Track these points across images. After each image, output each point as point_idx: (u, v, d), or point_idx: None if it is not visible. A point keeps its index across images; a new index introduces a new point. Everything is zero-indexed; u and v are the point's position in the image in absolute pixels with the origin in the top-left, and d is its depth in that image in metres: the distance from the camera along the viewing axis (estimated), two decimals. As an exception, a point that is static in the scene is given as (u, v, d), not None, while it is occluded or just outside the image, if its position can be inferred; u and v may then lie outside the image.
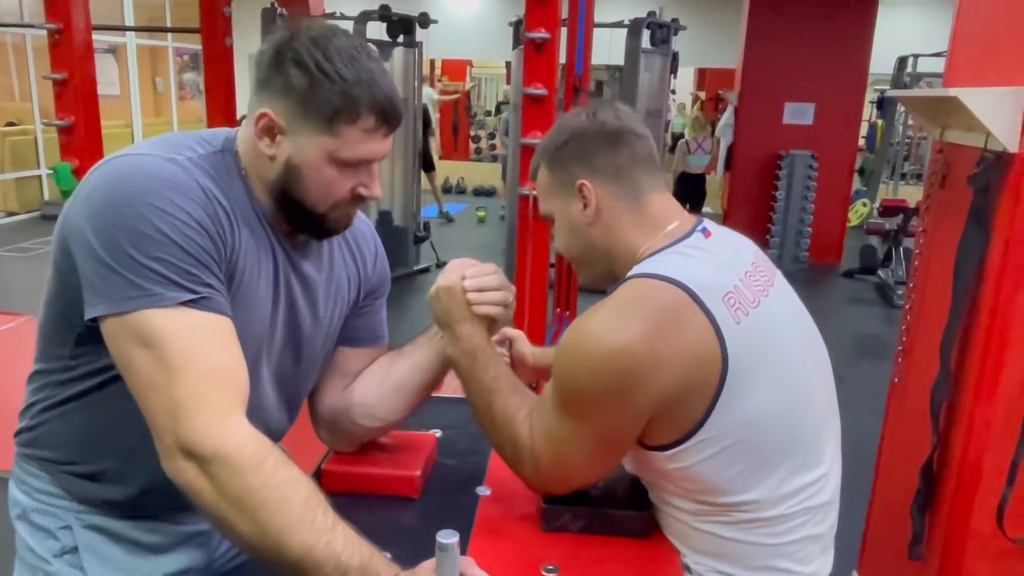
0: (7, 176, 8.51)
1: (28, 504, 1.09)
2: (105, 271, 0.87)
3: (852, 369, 4.78)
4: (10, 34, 8.90)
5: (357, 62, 0.95)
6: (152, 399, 0.88)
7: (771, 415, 1.01)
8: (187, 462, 0.86)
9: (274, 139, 0.97)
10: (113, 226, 0.88)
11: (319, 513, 0.87)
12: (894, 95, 4.23)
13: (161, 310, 0.87)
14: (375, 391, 1.22)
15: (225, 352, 0.91)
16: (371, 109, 0.95)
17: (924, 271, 1.89)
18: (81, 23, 2.87)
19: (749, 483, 1.01)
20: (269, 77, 0.96)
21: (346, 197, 1.01)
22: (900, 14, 10.15)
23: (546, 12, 2.72)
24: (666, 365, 0.95)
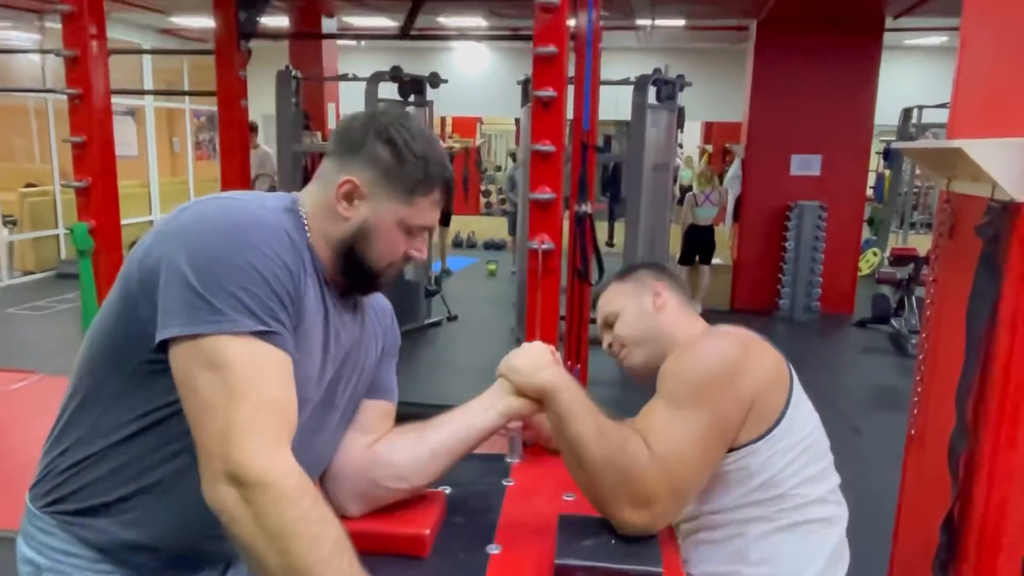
0: (25, 236, 8.65)
1: (42, 562, 1.09)
2: (191, 296, 0.93)
3: (868, 421, 4.72)
4: (32, 99, 9.14)
5: (432, 144, 1.13)
6: (208, 420, 0.91)
7: (813, 421, 1.35)
8: (230, 487, 0.88)
9: (352, 203, 1.10)
10: (209, 256, 0.95)
11: (346, 558, 0.90)
12: (899, 147, 4.25)
13: (234, 337, 0.93)
14: (406, 453, 1.25)
15: (284, 386, 0.97)
16: (440, 184, 1.14)
17: (936, 321, 1.88)
18: (101, 88, 2.95)
19: (805, 473, 1.28)
20: (353, 151, 1.11)
21: (400, 258, 1.15)
22: (904, 65, 10.30)
23: (553, 71, 2.77)
24: (758, 361, 1.27)
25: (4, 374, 4.66)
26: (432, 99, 6.49)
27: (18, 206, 8.67)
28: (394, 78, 6.03)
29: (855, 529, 1.29)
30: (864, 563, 1.17)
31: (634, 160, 5.90)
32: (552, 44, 2.72)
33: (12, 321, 6.83)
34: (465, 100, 11.37)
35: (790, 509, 1.26)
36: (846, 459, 1.31)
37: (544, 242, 2.68)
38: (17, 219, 8.68)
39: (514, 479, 1.41)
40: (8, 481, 3.38)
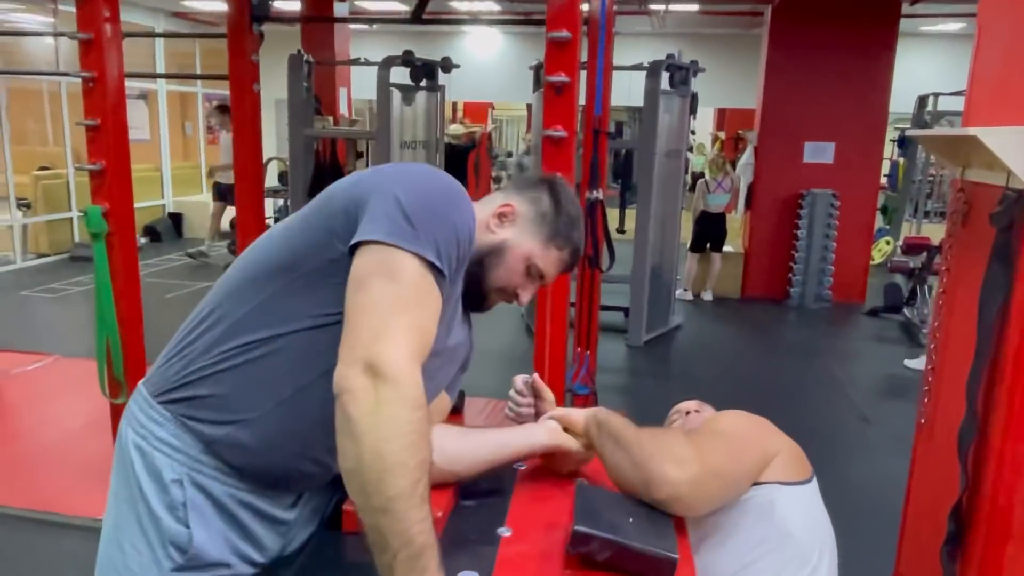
0: (39, 219, 8.71)
1: (145, 447, 1.14)
2: (400, 217, 1.03)
3: (878, 410, 4.71)
4: (46, 82, 9.17)
5: (581, 219, 1.32)
6: (367, 316, 0.98)
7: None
8: (365, 375, 0.93)
9: (502, 223, 1.26)
10: (424, 196, 1.08)
11: (425, 481, 0.93)
12: (913, 135, 4.22)
13: (421, 263, 1.03)
14: (453, 440, 1.31)
15: (433, 321, 1.06)
16: (573, 252, 1.30)
17: (948, 310, 1.87)
18: (114, 72, 2.96)
19: (823, 553, 1.34)
20: (523, 189, 1.30)
21: (509, 289, 1.27)
22: (919, 53, 10.19)
23: (566, 56, 2.76)
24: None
25: (20, 355, 4.72)
26: (444, 84, 6.47)
27: (32, 189, 8.72)
28: (406, 63, 6.02)
29: (863, 517, 1.29)
30: (872, 552, 1.17)
31: (646, 147, 5.87)
32: (565, 29, 2.71)
33: (27, 303, 6.89)
34: (477, 85, 11.33)
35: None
36: (855, 448, 1.30)
37: (555, 228, 2.67)
38: (31, 202, 8.73)
39: (526, 463, 1.42)
40: (25, 461, 3.44)
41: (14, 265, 8.26)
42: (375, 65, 5.85)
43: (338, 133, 6.61)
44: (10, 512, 2.99)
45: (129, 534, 1.15)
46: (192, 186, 11.03)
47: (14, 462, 3.45)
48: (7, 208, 8.29)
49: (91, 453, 3.30)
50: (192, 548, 1.12)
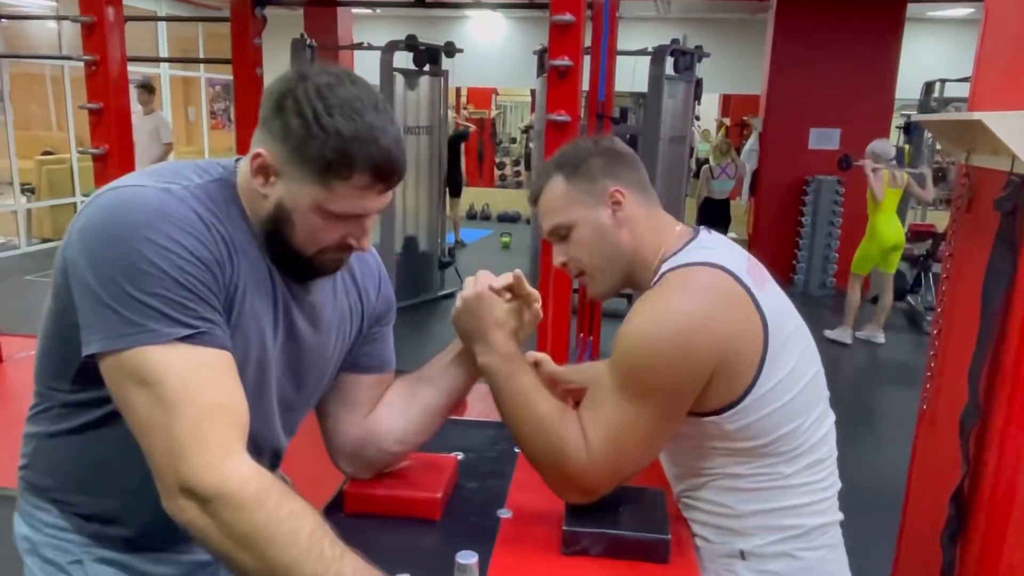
0: (43, 203, 8.72)
1: (37, 539, 1.09)
2: (101, 308, 0.87)
3: (881, 397, 4.71)
4: (48, 66, 9.16)
5: (360, 116, 0.92)
6: (151, 438, 0.87)
7: (803, 364, 1.16)
8: (189, 502, 0.85)
9: (268, 179, 0.96)
10: (108, 262, 0.87)
11: (326, 544, 0.86)
12: (919, 120, 4.21)
13: (158, 347, 0.86)
14: (402, 417, 1.23)
15: (224, 387, 0.90)
16: (366, 167, 0.93)
17: (952, 296, 1.87)
18: (117, 55, 2.96)
19: (796, 429, 1.14)
20: (269, 119, 0.95)
21: (334, 244, 1.00)
22: (926, 38, 10.11)
23: (569, 40, 2.75)
24: (722, 328, 1.07)
25: (24, 339, 4.73)
26: (447, 69, 6.45)
27: (36, 174, 8.73)
28: (409, 47, 6.00)
29: (864, 503, 1.28)
30: (873, 536, 1.18)
31: (650, 132, 5.85)
32: (568, 12, 2.70)
33: (30, 288, 6.91)
34: (480, 71, 11.28)
35: (784, 456, 1.14)
36: (857, 435, 1.27)
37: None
38: (35, 187, 8.74)
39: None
40: (29, 444, 3.45)
41: (18, 250, 8.28)
42: (378, 50, 5.83)
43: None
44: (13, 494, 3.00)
45: None
46: (196, 171, 10.99)
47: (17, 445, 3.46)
48: (11, 193, 8.31)
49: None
50: None
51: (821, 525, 1.18)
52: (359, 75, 0.98)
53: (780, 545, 1.16)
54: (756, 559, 1.16)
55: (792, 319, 1.19)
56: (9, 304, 6.36)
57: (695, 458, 1.18)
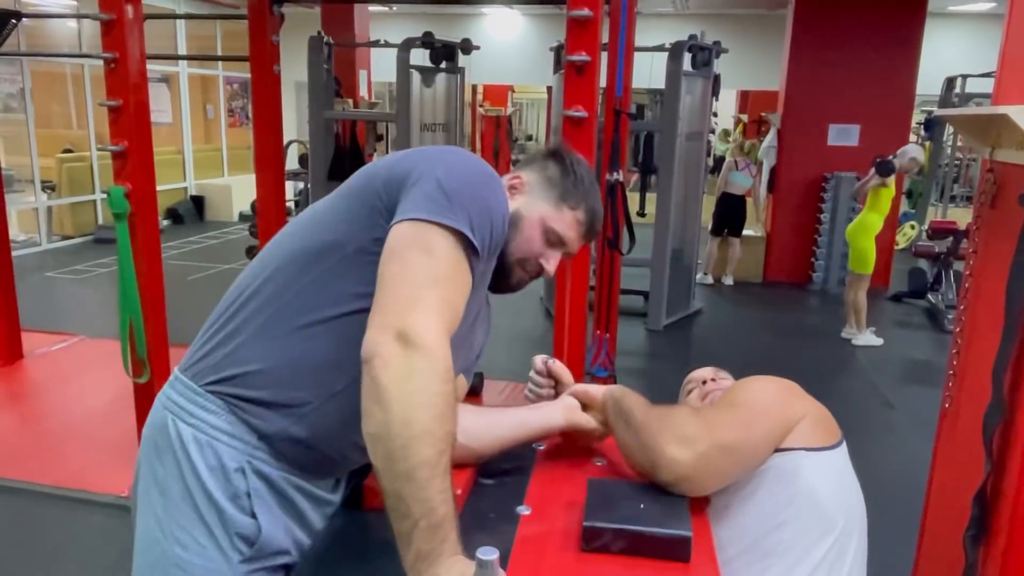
0: (63, 201, 8.81)
1: (202, 438, 1.12)
2: (440, 196, 1.04)
3: (901, 395, 4.66)
4: (69, 64, 9.24)
5: (592, 182, 1.29)
6: (401, 285, 0.99)
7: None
8: (396, 343, 0.93)
9: (512, 195, 1.24)
10: (463, 178, 1.09)
11: (449, 454, 0.93)
12: (942, 114, 4.16)
13: (456, 239, 1.04)
14: (471, 416, 1.30)
15: (463, 298, 1.06)
16: (588, 210, 1.27)
17: (974, 293, 1.84)
18: (136, 53, 2.97)
19: (858, 517, 1.29)
20: (532, 161, 1.31)
21: (532, 258, 1.24)
22: (948, 33, 10.00)
23: (587, 35, 2.74)
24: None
25: (45, 336, 4.78)
26: (464, 66, 6.45)
27: (56, 171, 8.82)
28: (425, 44, 6.00)
29: (885, 502, 1.27)
30: (893, 536, 1.16)
31: (667, 129, 5.83)
32: (586, 7, 2.69)
33: (52, 284, 6.99)
34: (497, 68, 11.28)
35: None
36: (878, 433, 1.27)
37: (575, 210, 2.66)
38: (55, 184, 8.83)
39: (545, 443, 1.42)
40: (52, 439, 3.50)
41: (39, 247, 8.37)
42: (395, 47, 5.84)
43: (358, 115, 6.61)
44: (37, 488, 3.04)
45: (187, 529, 1.12)
46: (214, 169, 11.10)
47: (41, 440, 3.50)
48: (32, 190, 8.40)
49: (115, 431, 3.35)
50: (260, 538, 1.12)
51: None
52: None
53: None
54: None
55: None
56: (30, 300, 6.42)
57: (763, 531, 1.25)
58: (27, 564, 2.65)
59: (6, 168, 6.27)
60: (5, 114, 8.44)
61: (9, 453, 3.39)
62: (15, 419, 3.88)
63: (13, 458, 3.32)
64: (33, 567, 2.62)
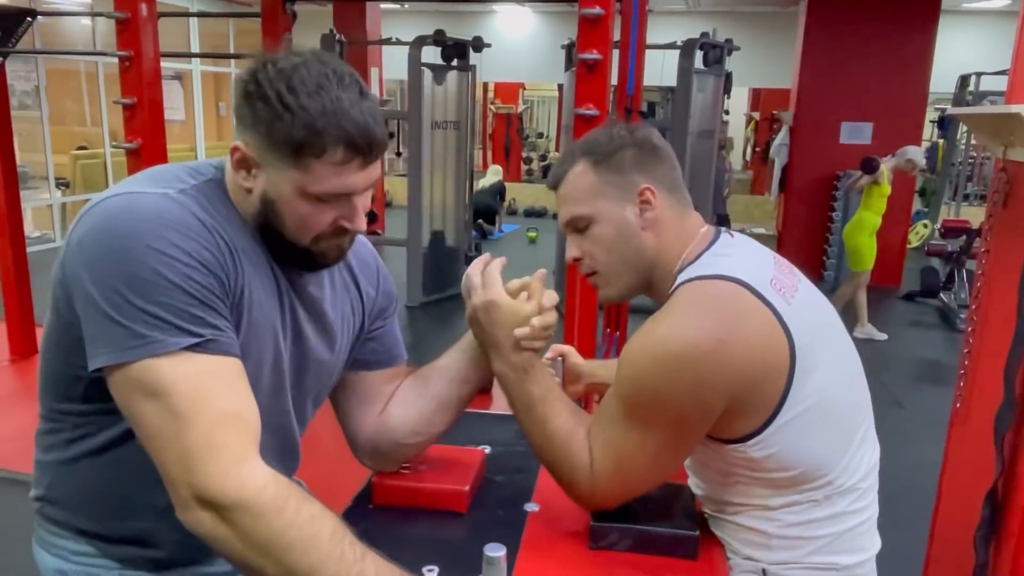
0: (78, 197, 8.87)
1: (69, 568, 1.06)
2: (105, 321, 0.85)
3: (912, 395, 4.64)
4: (83, 62, 9.30)
5: (324, 91, 0.89)
6: (163, 450, 0.85)
7: (839, 388, 1.08)
8: (205, 512, 0.84)
9: (249, 172, 0.95)
10: (110, 273, 0.85)
11: (347, 545, 0.86)
12: (955, 113, 4.13)
13: (165, 357, 0.85)
14: (414, 409, 1.22)
15: (235, 395, 0.89)
16: (338, 141, 0.90)
17: (987, 293, 1.83)
18: (150, 51, 3.00)
19: (831, 457, 1.06)
20: (240, 109, 0.93)
21: (327, 230, 0.97)
22: (962, 31, 9.92)
23: (598, 33, 2.74)
24: (736, 354, 0.97)
25: (59, 331, 4.84)
26: (475, 64, 6.45)
27: (70, 168, 8.88)
28: (437, 42, 6.01)
29: (895, 502, 1.25)
30: (904, 536, 1.16)
31: (679, 127, 5.81)
32: (598, 5, 2.69)
33: (66, 280, 7.03)
34: (508, 65, 11.27)
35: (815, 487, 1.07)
36: (888, 432, 1.21)
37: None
38: (69, 181, 8.89)
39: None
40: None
41: (53, 243, 8.43)
42: (406, 44, 5.85)
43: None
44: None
45: None
46: (226, 166, 11.11)
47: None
48: (47, 187, 8.46)
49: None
50: None
51: (856, 564, 1.11)
52: (330, 54, 0.96)
53: (808, 572, 1.10)
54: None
55: (827, 331, 1.11)
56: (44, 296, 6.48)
57: (722, 486, 1.11)
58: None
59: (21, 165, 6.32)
60: (20, 111, 8.49)
61: (24, 447, 3.41)
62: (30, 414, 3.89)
63: (28, 452, 3.35)
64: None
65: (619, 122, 1.18)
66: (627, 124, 1.14)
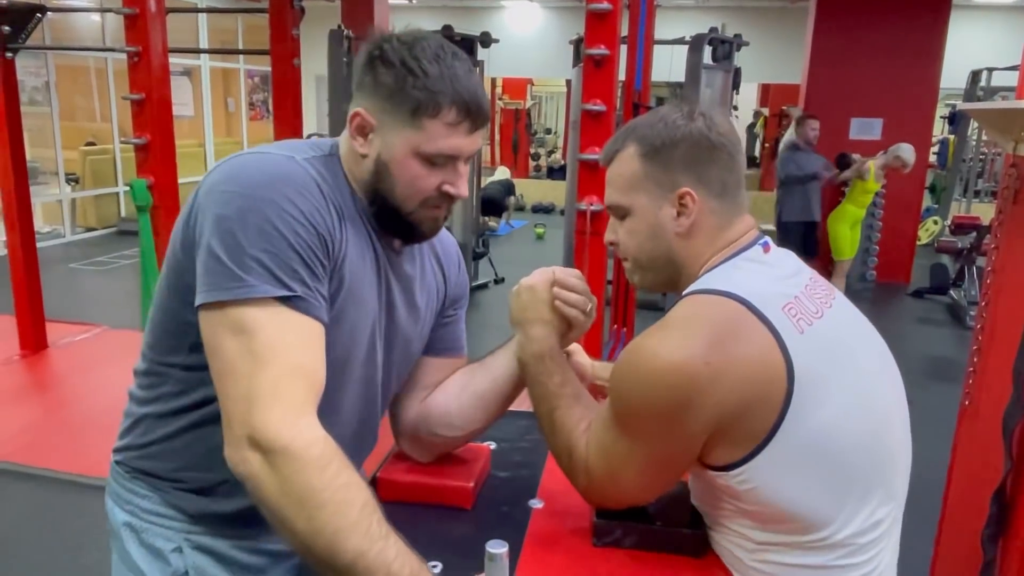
0: (87, 193, 8.91)
1: (138, 524, 1.09)
2: (214, 263, 0.91)
3: (921, 392, 4.62)
4: (93, 58, 9.34)
5: (442, 60, 0.99)
6: (231, 385, 0.90)
7: (848, 431, 0.96)
8: (254, 452, 0.87)
9: (366, 137, 1.02)
10: (231, 217, 0.91)
11: (375, 520, 0.87)
12: (965, 108, 4.11)
13: (257, 302, 0.90)
14: (455, 401, 1.24)
15: (309, 352, 0.93)
16: (453, 103, 0.99)
17: (996, 290, 1.82)
18: (159, 46, 3.01)
19: (821, 504, 0.95)
20: (362, 78, 1.01)
21: (433, 194, 1.04)
22: (973, 27, 9.85)
23: (606, 29, 2.73)
24: (725, 380, 0.91)
25: (68, 326, 4.86)
26: (483, 59, 6.45)
27: (80, 164, 8.92)
28: (445, 37, 6.00)
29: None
30: (911, 534, 1.14)
31: (687, 123, 5.78)
32: (606, 1, 2.68)
33: (75, 276, 7.08)
34: (516, 61, 11.26)
35: (800, 535, 0.98)
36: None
37: (593, 203, 2.66)
38: (79, 176, 8.93)
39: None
40: (74, 427, 3.55)
41: (63, 239, 8.48)
42: (414, 40, 5.84)
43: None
44: (60, 476, 3.09)
45: None
46: (234, 162, 11.13)
47: (63, 428, 3.56)
48: (56, 183, 8.50)
49: (137, 421, 3.39)
50: None
51: None
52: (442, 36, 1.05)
53: None
54: None
55: (854, 367, 1.00)
56: (54, 291, 6.52)
57: (710, 505, 1.06)
58: (50, 550, 2.70)
59: (31, 160, 6.37)
60: (30, 107, 8.53)
61: (34, 441, 3.44)
62: (40, 408, 3.94)
63: (37, 446, 3.38)
64: (56, 553, 2.67)
65: (685, 106, 1.09)
66: (691, 110, 1.07)
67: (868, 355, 1.06)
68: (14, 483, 3.11)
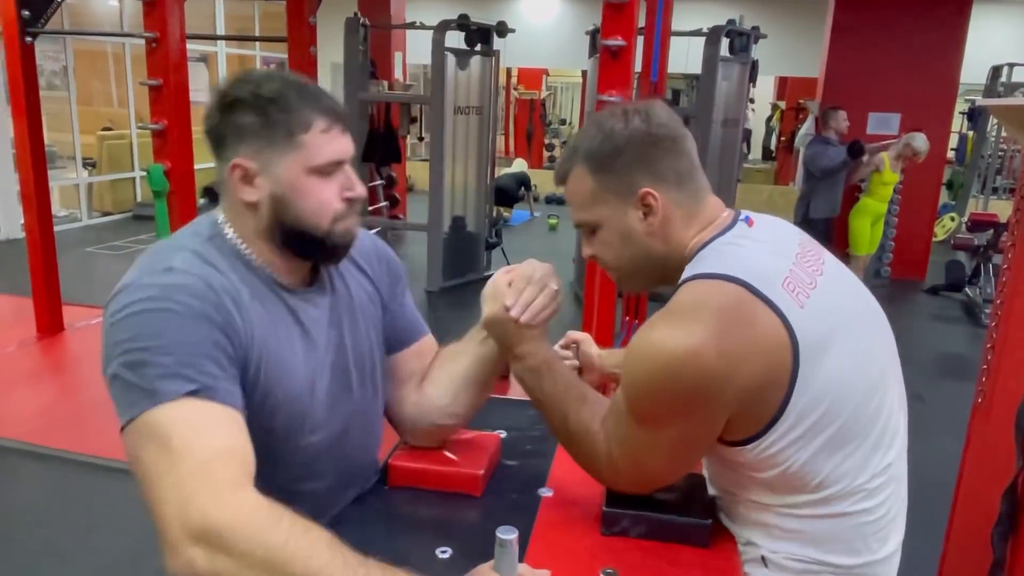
0: (104, 178, 8.96)
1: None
2: (120, 385, 0.92)
3: (934, 389, 4.59)
4: (110, 43, 9.38)
5: (284, 83, 1.03)
6: (158, 488, 0.86)
7: (847, 387, 1.01)
8: (197, 547, 0.82)
9: (253, 183, 1.03)
10: (125, 340, 0.93)
11: (347, 552, 0.85)
12: (984, 104, 4.08)
13: (166, 405, 0.89)
14: (448, 391, 1.27)
15: (229, 435, 0.92)
16: (318, 112, 1.02)
17: (1012, 287, 1.81)
18: (176, 32, 3.02)
19: (833, 463, 1.01)
20: (222, 132, 1.03)
21: (340, 207, 1.05)
22: (995, 21, 9.73)
23: (623, 19, 2.72)
24: (738, 365, 0.94)
25: (84, 309, 4.90)
26: (499, 49, 6.43)
27: (97, 149, 8.98)
28: (461, 26, 5.99)
29: (912, 495, 1.24)
30: (921, 531, 1.14)
31: (703, 115, 5.76)
32: (622, -8, 2.67)
33: (91, 259, 7.14)
34: (532, 51, 11.21)
35: (817, 489, 1.03)
36: (908, 426, 1.19)
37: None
38: (96, 161, 8.99)
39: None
40: (91, 409, 3.59)
41: (80, 223, 8.54)
42: (430, 29, 5.84)
43: (392, 98, 6.64)
44: (78, 458, 3.13)
45: None
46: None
47: (81, 411, 3.60)
48: (74, 167, 8.56)
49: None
50: None
51: (862, 564, 1.07)
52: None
53: (810, 565, 1.07)
54: (778, 570, 1.08)
55: (849, 323, 1.06)
56: (71, 275, 6.56)
57: (724, 476, 1.11)
58: (67, 531, 2.73)
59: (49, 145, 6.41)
60: (48, 91, 8.58)
61: (50, 423, 3.49)
62: (56, 390, 3.99)
63: (54, 427, 3.42)
64: (73, 534, 2.71)
65: (618, 106, 1.11)
66: (624, 111, 1.08)
67: (860, 314, 1.12)
68: (30, 463, 3.15)
